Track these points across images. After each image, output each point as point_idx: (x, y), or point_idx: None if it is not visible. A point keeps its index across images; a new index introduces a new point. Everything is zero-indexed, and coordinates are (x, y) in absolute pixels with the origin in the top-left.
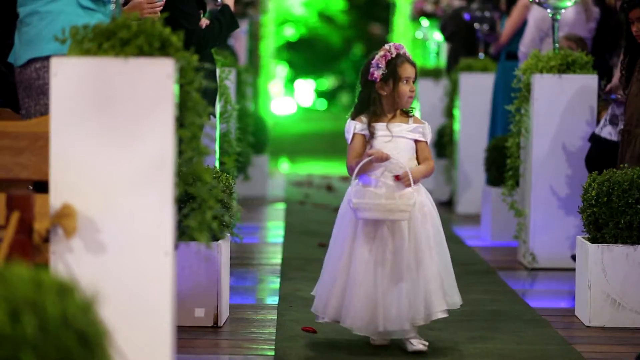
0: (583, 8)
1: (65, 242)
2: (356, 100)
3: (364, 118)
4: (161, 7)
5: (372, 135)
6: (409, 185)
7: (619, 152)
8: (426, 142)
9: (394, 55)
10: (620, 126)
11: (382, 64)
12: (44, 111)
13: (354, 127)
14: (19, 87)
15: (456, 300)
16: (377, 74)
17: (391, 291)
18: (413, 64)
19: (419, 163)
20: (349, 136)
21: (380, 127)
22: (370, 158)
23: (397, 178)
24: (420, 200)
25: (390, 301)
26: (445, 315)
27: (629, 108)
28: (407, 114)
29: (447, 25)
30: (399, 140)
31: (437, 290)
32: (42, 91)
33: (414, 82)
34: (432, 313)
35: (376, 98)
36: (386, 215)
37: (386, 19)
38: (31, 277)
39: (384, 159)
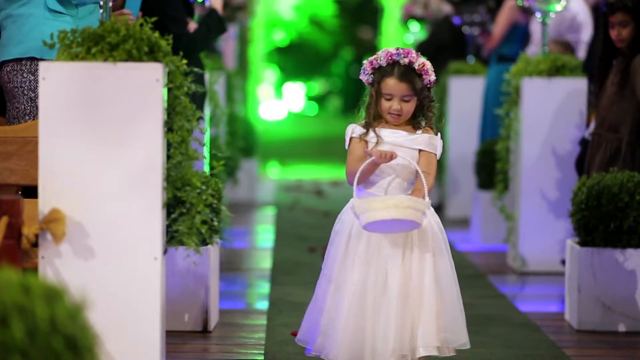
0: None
1: (54, 247)
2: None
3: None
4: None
5: (366, 132)
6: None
7: (588, 155)
8: (434, 154)
9: (382, 64)
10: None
11: (368, 70)
12: (16, 114)
13: (352, 130)
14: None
15: (459, 338)
16: (365, 78)
17: (379, 321)
18: (405, 80)
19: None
20: (347, 139)
21: (379, 132)
22: (372, 159)
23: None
24: (425, 220)
25: (378, 332)
26: (434, 352)
27: (601, 112)
28: (414, 124)
29: (444, 35)
30: (399, 150)
31: (428, 322)
32: (13, 95)
33: (411, 99)
34: (417, 347)
35: (372, 102)
36: (395, 213)
37: (376, 23)
38: (19, 282)
39: (388, 157)
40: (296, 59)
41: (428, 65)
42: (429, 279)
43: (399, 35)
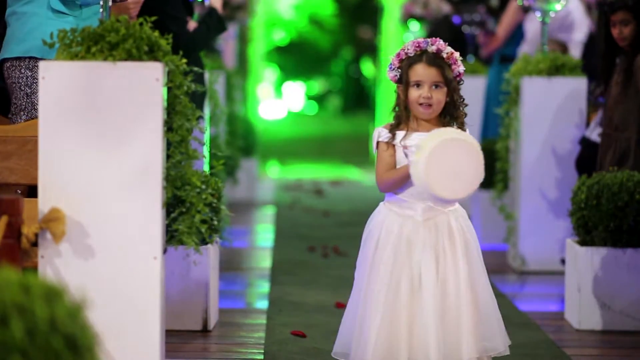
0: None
1: (54, 246)
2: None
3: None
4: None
5: (393, 137)
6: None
7: (599, 155)
8: None
9: (410, 54)
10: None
11: (395, 65)
12: (14, 110)
13: (379, 134)
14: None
15: (497, 344)
16: (392, 75)
17: (415, 331)
18: (434, 65)
19: None
20: (374, 143)
21: (403, 136)
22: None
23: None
24: (455, 225)
25: (415, 343)
26: None
27: (608, 112)
28: (443, 123)
29: (443, 34)
30: None
31: (468, 334)
32: (12, 90)
33: (441, 87)
34: None
35: (400, 103)
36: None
37: (376, 22)
38: (19, 281)
39: None
40: (296, 58)
41: (456, 55)
42: (465, 287)
43: (398, 35)
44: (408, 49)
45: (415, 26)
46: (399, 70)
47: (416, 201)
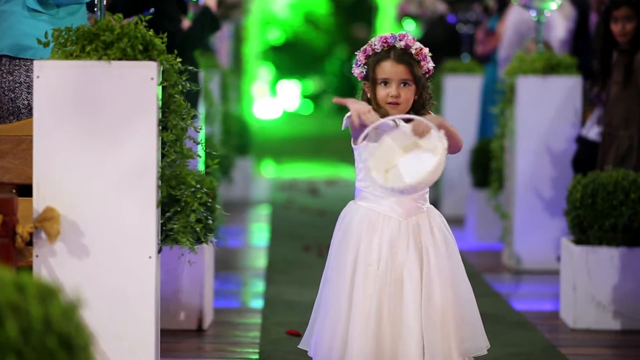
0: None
1: (49, 245)
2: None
3: None
4: None
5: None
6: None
7: (600, 153)
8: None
9: (377, 50)
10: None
11: (361, 61)
12: (1, 114)
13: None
14: None
15: (480, 345)
16: (357, 72)
17: (399, 335)
18: (403, 62)
19: None
20: (346, 122)
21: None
22: (376, 124)
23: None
24: (435, 224)
25: (399, 343)
26: None
27: (609, 112)
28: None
29: (438, 33)
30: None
31: (452, 333)
32: None
33: (409, 85)
34: None
35: (367, 101)
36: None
37: (371, 21)
38: (14, 280)
39: (365, 112)
40: (291, 58)
41: (425, 50)
42: (449, 287)
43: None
44: (375, 45)
45: (410, 25)
46: (365, 66)
47: (386, 195)
